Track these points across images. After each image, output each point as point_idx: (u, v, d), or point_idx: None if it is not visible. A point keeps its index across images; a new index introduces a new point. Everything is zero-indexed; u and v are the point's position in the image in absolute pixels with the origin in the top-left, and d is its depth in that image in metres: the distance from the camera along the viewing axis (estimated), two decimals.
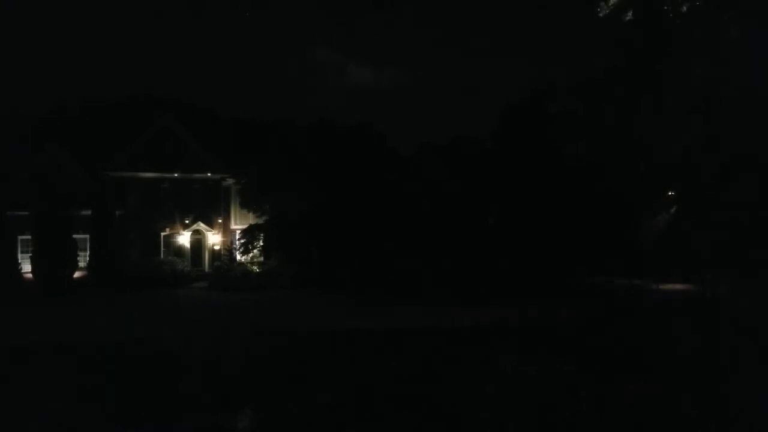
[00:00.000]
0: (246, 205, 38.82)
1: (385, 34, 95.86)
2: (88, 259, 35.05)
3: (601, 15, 23.16)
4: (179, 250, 38.93)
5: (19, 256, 34.92)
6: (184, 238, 39.28)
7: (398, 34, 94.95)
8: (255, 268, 36.53)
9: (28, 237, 34.69)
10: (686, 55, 23.12)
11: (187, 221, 39.50)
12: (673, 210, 35.93)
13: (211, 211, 40.07)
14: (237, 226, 40.39)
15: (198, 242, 40.03)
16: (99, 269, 33.89)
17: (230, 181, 39.95)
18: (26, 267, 34.03)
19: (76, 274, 34.38)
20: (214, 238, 40.03)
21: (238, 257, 37.94)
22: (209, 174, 39.64)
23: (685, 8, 22.07)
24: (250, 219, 38.84)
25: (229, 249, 38.86)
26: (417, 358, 18.56)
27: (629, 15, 23.13)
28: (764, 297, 28.42)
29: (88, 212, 35.18)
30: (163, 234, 39.01)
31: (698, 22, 22.08)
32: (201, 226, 39.74)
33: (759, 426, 12.85)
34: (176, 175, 39.04)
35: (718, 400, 14.47)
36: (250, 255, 37.54)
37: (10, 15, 76.04)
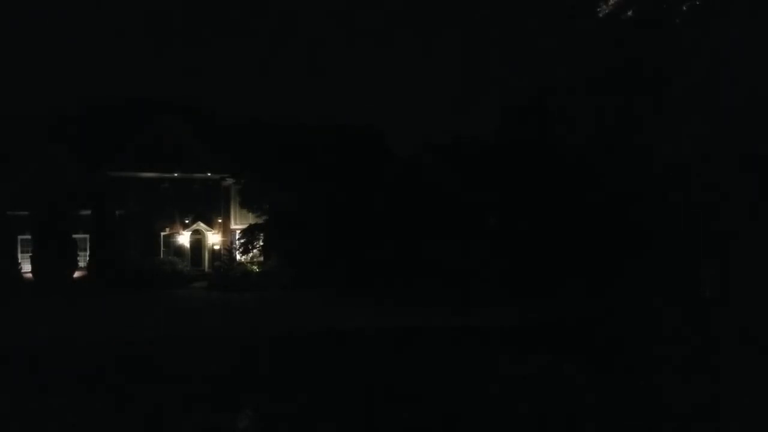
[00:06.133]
0: (246, 204, 38.74)
1: (384, 32, 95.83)
2: (87, 259, 35.01)
3: (601, 15, 23.17)
4: (179, 250, 38.89)
5: (19, 256, 34.87)
6: (184, 238, 39.25)
7: (397, 33, 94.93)
8: (255, 267, 36.49)
9: (28, 237, 34.63)
10: (686, 54, 23.12)
11: (187, 221, 39.46)
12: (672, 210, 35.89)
13: (211, 210, 40.02)
14: (237, 226, 40.34)
15: (198, 242, 40.00)
16: (99, 269, 33.86)
17: (230, 181, 39.90)
18: (26, 267, 33.99)
19: (76, 274, 34.37)
20: (214, 238, 39.99)
21: (238, 257, 37.89)
22: (209, 174, 39.60)
23: (685, 7, 22.07)
24: (250, 219, 38.77)
25: (229, 249, 38.80)
26: (402, 357, 18.81)
27: (629, 14, 23.13)
28: (763, 296, 28.39)
29: (88, 212, 35.13)
30: (163, 234, 38.96)
31: (698, 22, 22.08)
32: (201, 225, 39.71)
33: (758, 425, 12.83)
34: (176, 175, 38.98)
35: (712, 400, 14.47)
36: (250, 255, 37.47)
37: (11, 15, 75.89)
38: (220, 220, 40.28)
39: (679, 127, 25.87)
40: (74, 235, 34.57)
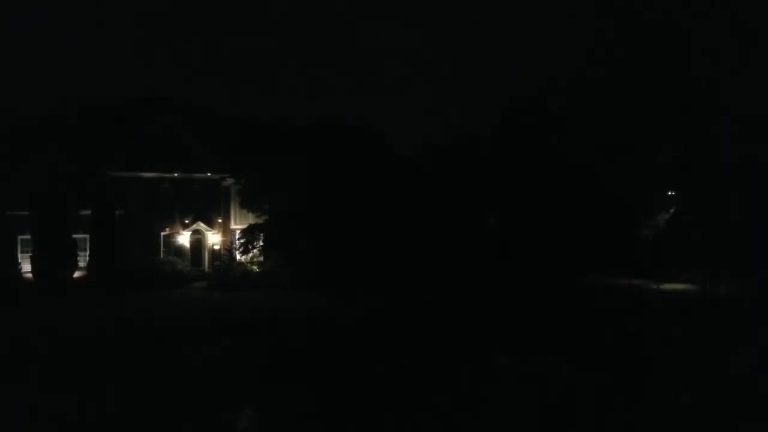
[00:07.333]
0: (246, 204, 38.71)
1: (384, 32, 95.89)
2: (87, 259, 34.96)
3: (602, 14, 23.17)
4: (179, 250, 38.84)
5: (19, 256, 34.78)
6: (184, 238, 39.20)
7: (398, 32, 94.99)
8: (255, 267, 36.45)
9: (28, 237, 34.57)
10: (686, 55, 23.16)
11: (186, 221, 39.41)
12: (672, 210, 35.97)
13: (211, 211, 39.99)
14: (237, 226, 40.31)
15: (198, 242, 39.96)
16: (99, 269, 33.79)
17: (230, 181, 39.88)
18: (26, 267, 33.93)
19: (76, 274, 34.29)
20: (214, 238, 39.96)
21: (238, 257, 37.86)
22: (209, 174, 39.57)
23: (685, 8, 22.09)
24: (250, 219, 38.75)
25: (229, 249, 38.76)
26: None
27: (629, 15, 23.16)
28: (762, 295, 28.45)
29: (88, 212, 35.07)
30: (163, 234, 38.90)
31: (698, 23, 22.12)
32: (201, 225, 39.66)
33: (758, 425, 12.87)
34: (176, 175, 38.94)
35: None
36: (250, 255, 37.44)
37: (10, 15, 75.94)
38: (220, 220, 40.25)
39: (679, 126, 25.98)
40: (74, 235, 34.48)
